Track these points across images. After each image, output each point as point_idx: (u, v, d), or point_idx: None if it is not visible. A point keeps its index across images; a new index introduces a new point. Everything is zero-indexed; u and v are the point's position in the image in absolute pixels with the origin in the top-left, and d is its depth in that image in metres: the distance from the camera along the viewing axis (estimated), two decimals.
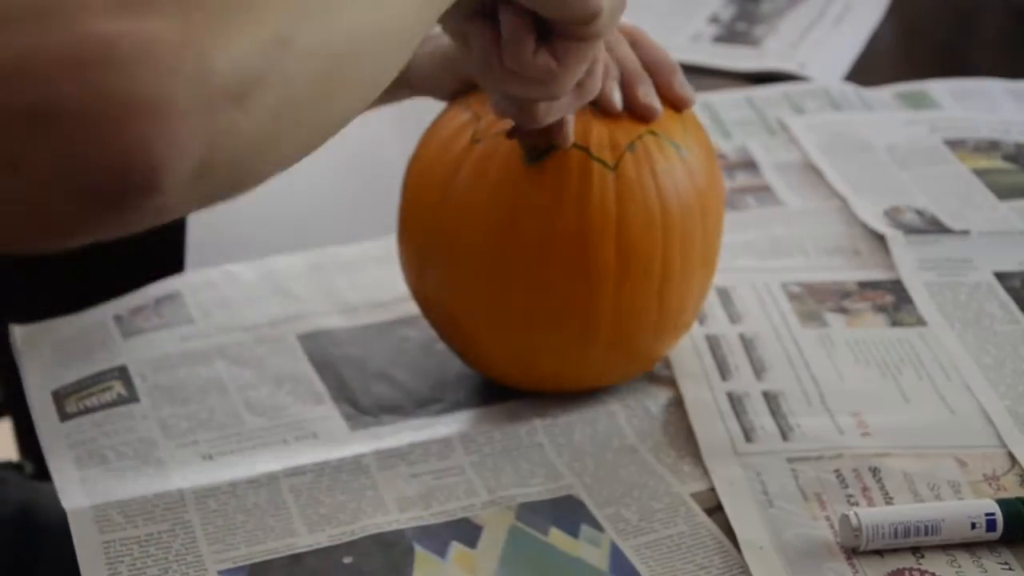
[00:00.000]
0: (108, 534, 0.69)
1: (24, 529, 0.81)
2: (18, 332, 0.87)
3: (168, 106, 0.43)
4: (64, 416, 0.79)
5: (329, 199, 1.04)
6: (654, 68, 0.75)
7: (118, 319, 0.87)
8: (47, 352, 0.85)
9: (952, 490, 0.72)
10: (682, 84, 0.76)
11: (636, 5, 1.30)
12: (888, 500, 0.72)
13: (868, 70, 1.21)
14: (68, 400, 0.80)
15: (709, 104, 1.12)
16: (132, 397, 0.80)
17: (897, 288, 0.88)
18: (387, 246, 0.86)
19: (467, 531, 0.70)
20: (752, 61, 1.22)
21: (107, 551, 0.68)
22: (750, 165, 1.04)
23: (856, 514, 0.68)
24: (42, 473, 0.88)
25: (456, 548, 0.68)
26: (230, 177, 0.48)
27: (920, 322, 0.85)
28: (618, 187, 0.72)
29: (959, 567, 0.67)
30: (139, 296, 0.89)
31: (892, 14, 1.31)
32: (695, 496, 0.72)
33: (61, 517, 0.69)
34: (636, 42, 0.77)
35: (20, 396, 0.82)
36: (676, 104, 0.76)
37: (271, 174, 0.50)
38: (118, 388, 0.81)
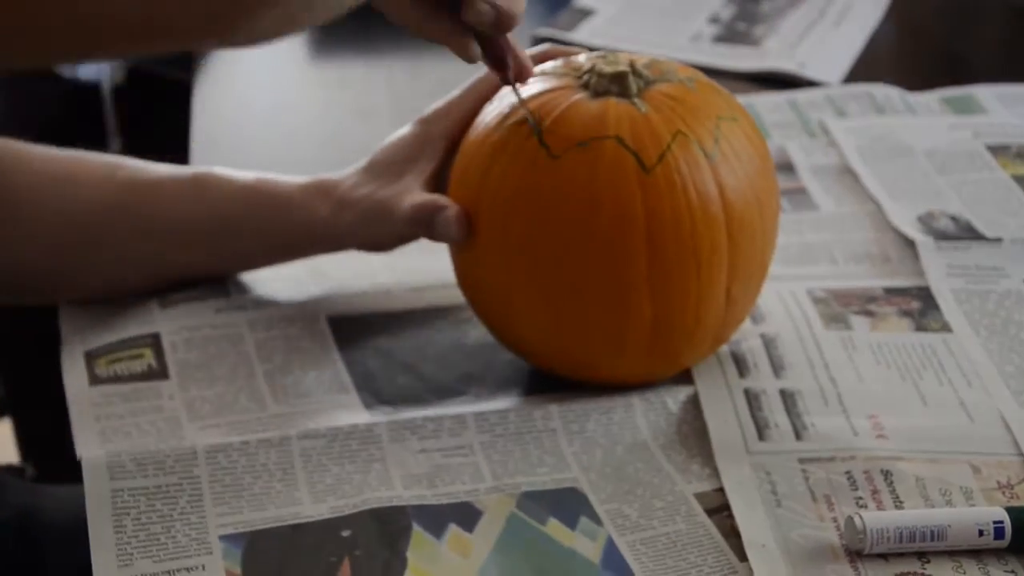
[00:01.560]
0: (118, 481, 0.68)
1: (25, 533, 0.80)
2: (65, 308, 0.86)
3: None
4: (93, 379, 0.78)
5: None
6: (541, 60, 0.78)
7: (158, 290, 0.86)
8: (89, 312, 0.84)
9: (964, 496, 0.70)
10: (570, 48, 0.79)
11: (636, 5, 1.30)
12: (898, 504, 0.69)
13: (868, 70, 1.18)
14: (98, 362, 0.79)
15: (750, 106, 1.09)
16: (162, 371, 0.79)
17: (924, 294, 0.85)
18: None
19: (467, 515, 0.68)
20: (752, 61, 1.20)
21: (115, 501, 0.67)
22: (787, 167, 1.02)
23: (861, 517, 0.65)
24: (43, 476, 0.87)
25: (453, 531, 0.66)
26: None
27: (945, 328, 0.82)
28: (654, 184, 0.70)
29: (964, 574, 0.65)
30: None
31: (892, 14, 1.28)
32: (699, 496, 0.70)
33: (62, 521, 0.67)
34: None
35: (20, 396, 0.82)
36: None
37: None
38: (149, 357, 0.80)
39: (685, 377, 0.78)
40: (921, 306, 0.84)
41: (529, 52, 0.78)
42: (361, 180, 0.81)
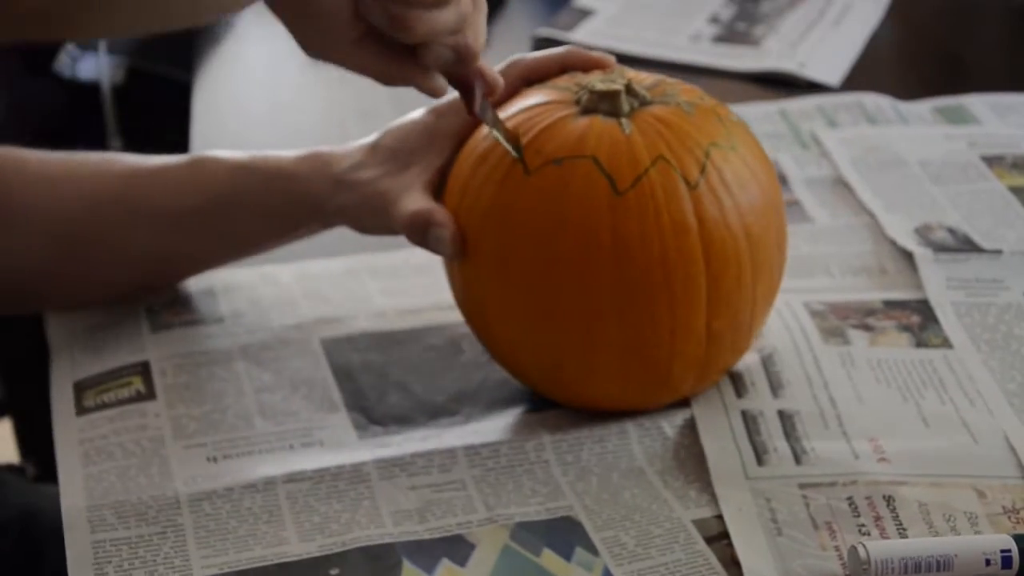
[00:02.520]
0: (99, 534, 0.66)
1: (26, 532, 0.78)
2: (52, 317, 0.84)
3: None
4: (81, 410, 0.76)
5: None
6: (563, 62, 0.76)
7: (150, 311, 0.83)
8: (78, 337, 0.82)
9: (969, 522, 0.67)
10: (594, 55, 0.76)
11: (636, 5, 1.27)
12: (902, 531, 0.67)
13: (868, 71, 1.17)
14: (87, 394, 0.77)
15: (740, 116, 1.07)
16: (149, 394, 0.76)
17: (924, 308, 0.82)
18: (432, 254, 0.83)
19: (459, 548, 0.65)
20: (752, 61, 1.18)
21: (96, 552, 0.65)
22: (780, 179, 1.00)
23: (865, 546, 0.63)
24: (44, 475, 0.86)
25: (445, 565, 0.63)
26: None
27: (946, 343, 0.80)
28: (625, 208, 0.68)
29: None
30: (171, 289, 0.86)
31: (892, 14, 1.27)
32: (697, 523, 0.67)
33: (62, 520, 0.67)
34: (516, 62, 0.76)
35: (21, 396, 0.80)
36: (601, 66, 0.75)
37: None
38: (137, 384, 0.77)
39: (681, 399, 0.76)
40: (921, 320, 0.82)
41: (549, 53, 0.75)
42: (364, 161, 0.77)
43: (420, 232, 0.72)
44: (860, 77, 1.14)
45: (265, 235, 0.82)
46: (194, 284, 0.87)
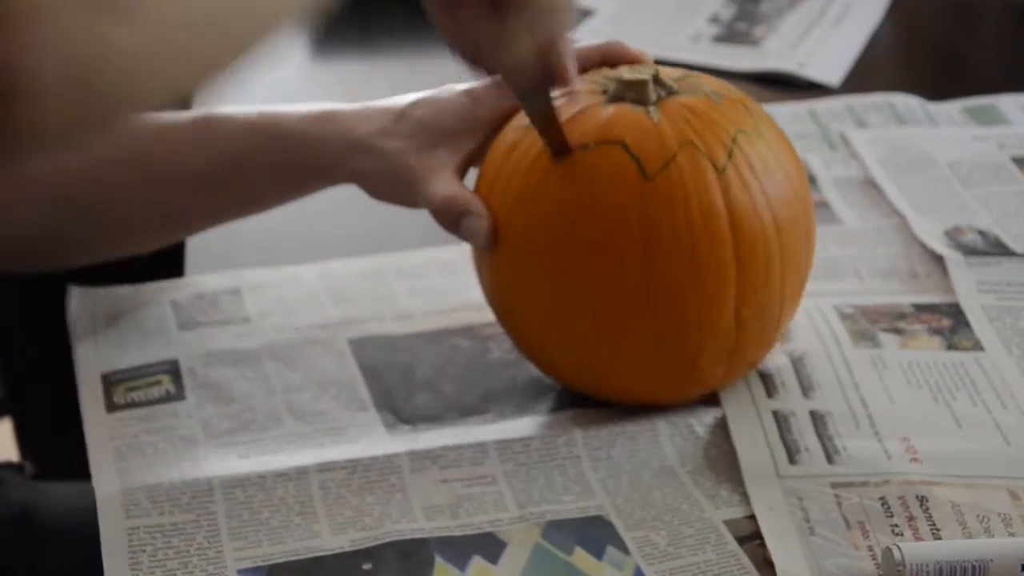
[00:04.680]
0: (134, 519, 0.66)
1: (25, 530, 0.77)
2: (75, 294, 0.83)
3: (28, 4, 0.38)
4: (111, 406, 0.75)
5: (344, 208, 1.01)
6: (604, 55, 0.74)
7: (175, 305, 0.83)
8: (101, 326, 0.81)
9: (1003, 524, 0.66)
10: (633, 50, 0.75)
11: (636, 6, 1.27)
12: (935, 532, 0.66)
13: (868, 70, 1.16)
14: (116, 389, 0.77)
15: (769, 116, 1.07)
16: (179, 394, 0.76)
17: (954, 311, 0.82)
18: (458, 252, 0.82)
19: (491, 546, 0.64)
20: (752, 61, 1.18)
21: (131, 538, 0.65)
22: (809, 180, 0.99)
23: (900, 548, 0.62)
24: (43, 474, 0.85)
25: (477, 563, 0.63)
26: (110, 94, 0.42)
27: (977, 346, 0.79)
28: (654, 193, 0.67)
29: None
30: (199, 285, 0.86)
31: (892, 14, 1.26)
32: (728, 523, 0.66)
33: (62, 518, 0.66)
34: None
35: (21, 395, 0.79)
36: (639, 62, 0.75)
37: (157, 96, 0.45)
38: (167, 384, 0.77)
39: (712, 398, 0.75)
40: (952, 323, 0.81)
41: (590, 44, 0.75)
42: (390, 129, 0.75)
43: (453, 218, 0.71)
44: (860, 77, 1.14)
45: (273, 195, 0.81)
46: (219, 283, 0.87)
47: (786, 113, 1.07)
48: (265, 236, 0.91)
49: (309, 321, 0.83)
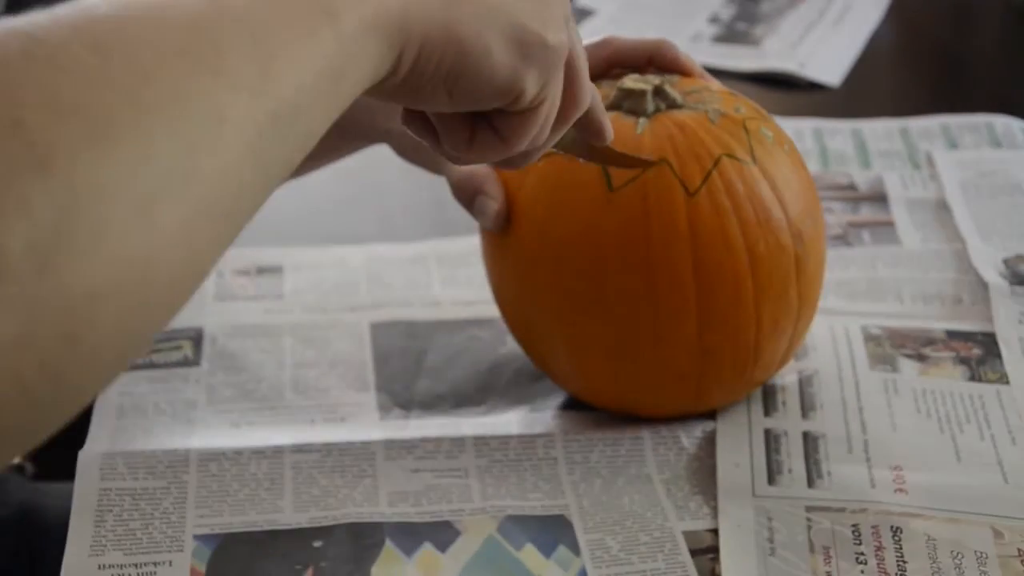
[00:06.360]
0: (107, 482, 0.68)
1: (25, 530, 0.79)
2: None
3: None
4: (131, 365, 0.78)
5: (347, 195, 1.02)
6: (652, 53, 0.73)
7: (218, 274, 0.85)
8: None
9: (977, 562, 0.63)
10: (683, 56, 0.73)
11: (637, 6, 1.26)
12: (901, 564, 0.63)
13: (868, 71, 1.14)
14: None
15: (857, 132, 1.04)
16: (195, 360, 0.79)
17: (988, 341, 0.78)
18: None
19: (445, 534, 0.65)
20: (752, 61, 1.17)
21: (101, 499, 0.67)
22: (880, 198, 0.96)
23: None
24: (43, 474, 0.87)
25: (425, 550, 0.64)
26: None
27: (1003, 379, 0.75)
28: (615, 202, 0.66)
29: None
30: (242, 259, 0.88)
31: (892, 14, 1.25)
32: (688, 534, 0.65)
33: (62, 518, 0.66)
34: (608, 42, 0.73)
35: None
36: (684, 71, 0.72)
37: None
38: (187, 349, 0.80)
39: (709, 412, 0.74)
40: (982, 353, 0.77)
41: (641, 40, 0.74)
42: None
43: (469, 194, 0.71)
44: (860, 77, 1.13)
45: (314, 153, 0.80)
46: (264, 258, 0.89)
47: (877, 130, 1.04)
48: (337, 213, 0.94)
49: (339, 303, 0.85)
